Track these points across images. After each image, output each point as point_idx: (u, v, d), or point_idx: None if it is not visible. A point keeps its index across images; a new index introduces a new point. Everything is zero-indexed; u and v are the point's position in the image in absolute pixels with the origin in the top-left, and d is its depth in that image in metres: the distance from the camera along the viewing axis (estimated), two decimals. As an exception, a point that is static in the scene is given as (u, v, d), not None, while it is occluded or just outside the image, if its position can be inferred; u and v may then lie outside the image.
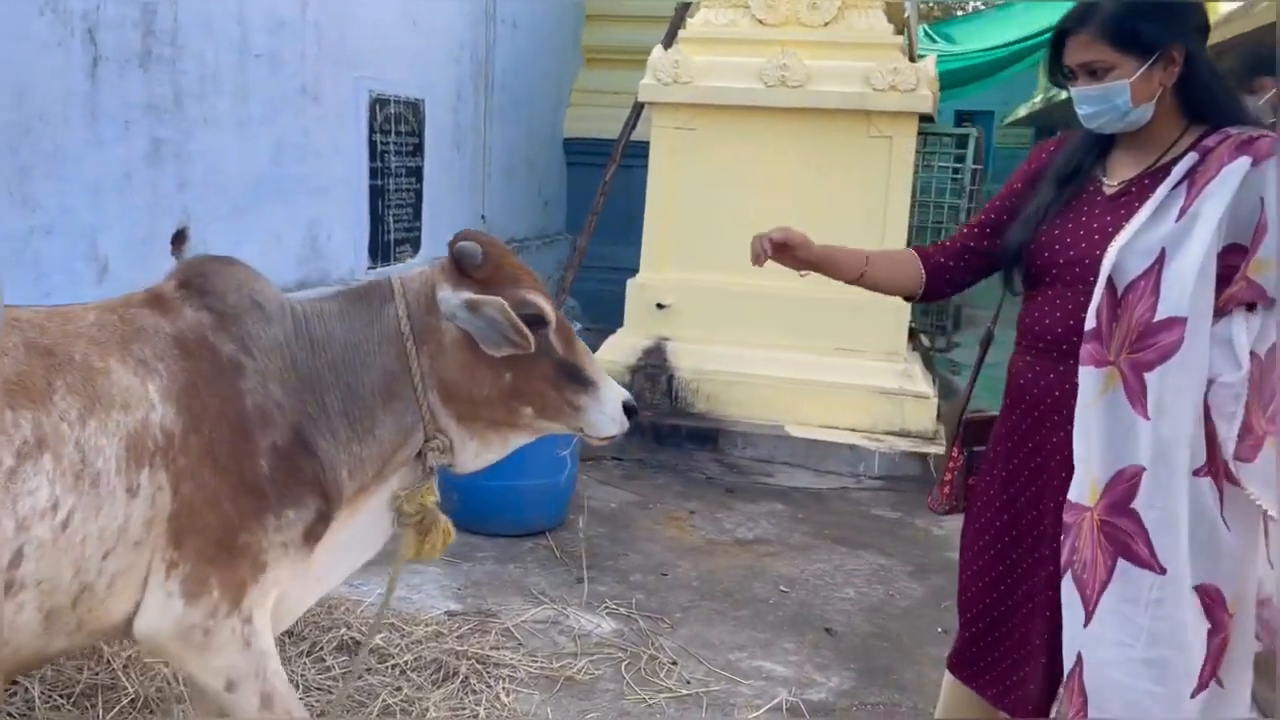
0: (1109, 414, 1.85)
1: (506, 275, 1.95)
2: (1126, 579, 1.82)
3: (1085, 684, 1.87)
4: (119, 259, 3.63)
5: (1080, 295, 1.95)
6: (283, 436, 1.84)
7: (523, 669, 3.07)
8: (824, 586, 3.85)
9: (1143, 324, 1.81)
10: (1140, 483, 1.82)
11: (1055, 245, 2.02)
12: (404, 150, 5.68)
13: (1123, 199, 1.97)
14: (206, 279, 1.88)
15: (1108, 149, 2.05)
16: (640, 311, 5.71)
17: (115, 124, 3.57)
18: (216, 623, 1.78)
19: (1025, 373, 2.10)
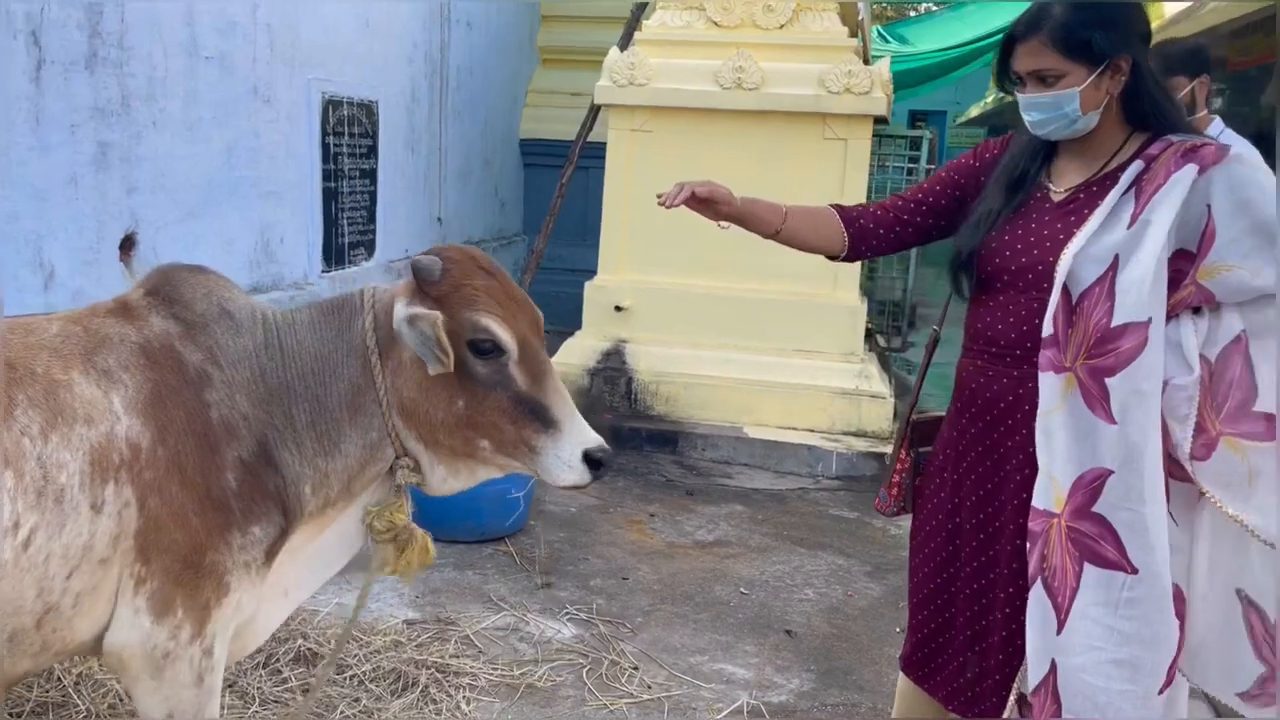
0: (1070, 420, 1.88)
1: (464, 296, 1.84)
2: (1097, 583, 1.84)
3: (1059, 690, 1.88)
4: (65, 266, 3.55)
5: (1034, 301, 1.98)
6: (248, 449, 1.80)
7: (483, 677, 3.05)
8: (784, 588, 3.88)
9: (1100, 330, 1.84)
10: (1104, 486, 1.84)
11: (1006, 251, 2.04)
12: (358, 152, 5.62)
13: (1071, 205, 2.00)
14: (175, 287, 1.84)
15: (1051, 155, 2.08)
16: (598, 314, 5.71)
17: (61, 128, 3.49)
18: (179, 647, 1.74)
19: (977, 376, 2.11)
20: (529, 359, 1.85)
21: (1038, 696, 1.93)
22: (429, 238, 6.88)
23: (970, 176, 2.20)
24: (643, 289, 5.62)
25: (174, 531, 1.70)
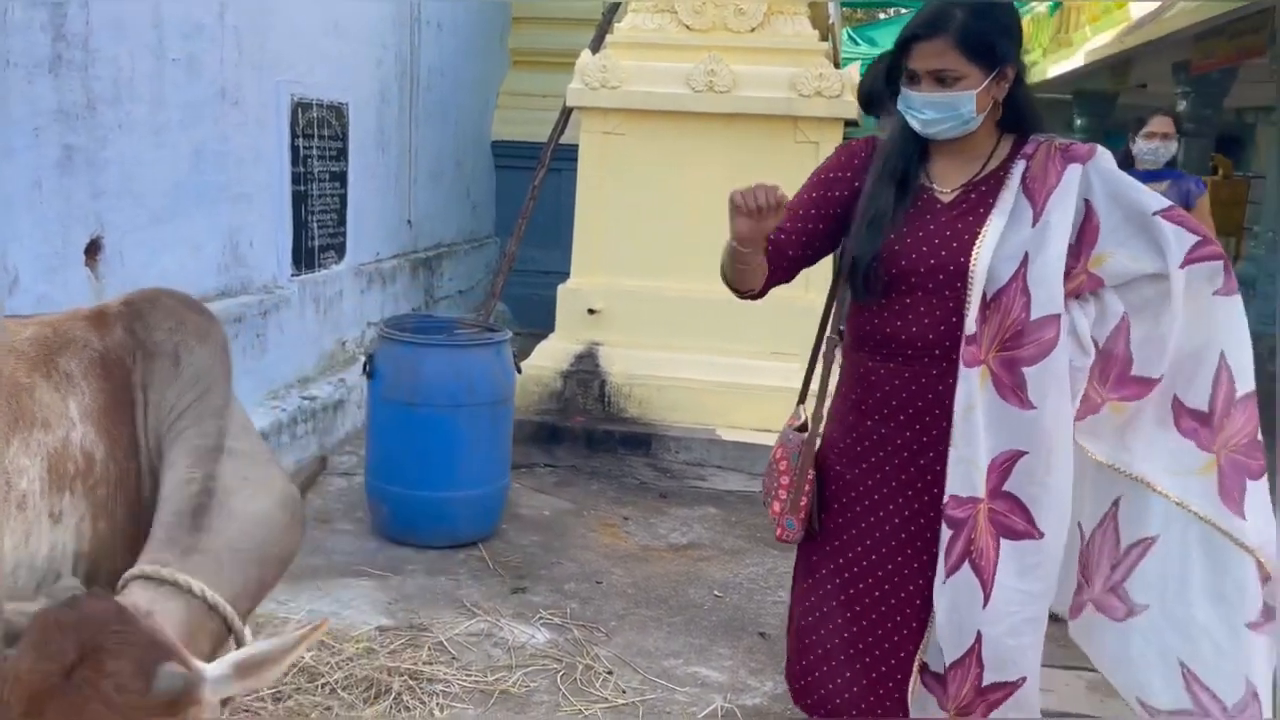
0: (987, 409, 1.99)
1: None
2: (1011, 554, 2.00)
3: (983, 657, 2.02)
4: (29, 270, 3.49)
5: (948, 301, 2.04)
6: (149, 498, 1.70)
7: (456, 683, 3.04)
8: (757, 590, 3.89)
9: (1019, 324, 1.97)
10: (1015, 466, 1.99)
11: (912, 254, 2.06)
12: (327, 154, 5.58)
13: (963, 205, 2.07)
14: (150, 306, 1.78)
15: (925, 156, 2.12)
16: (571, 316, 5.70)
17: (24, 131, 3.43)
18: None
19: (891, 379, 2.10)
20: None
21: (960, 667, 2.04)
22: (400, 240, 6.85)
23: (847, 187, 2.18)
24: (616, 292, 5.62)
25: (118, 561, 1.62)
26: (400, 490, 4.05)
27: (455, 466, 4.03)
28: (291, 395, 5.05)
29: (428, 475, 4.01)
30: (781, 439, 2.28)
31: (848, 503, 2.18)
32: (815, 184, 2.23)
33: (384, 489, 4.10)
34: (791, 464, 2.23)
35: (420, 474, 4.01)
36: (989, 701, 2.04)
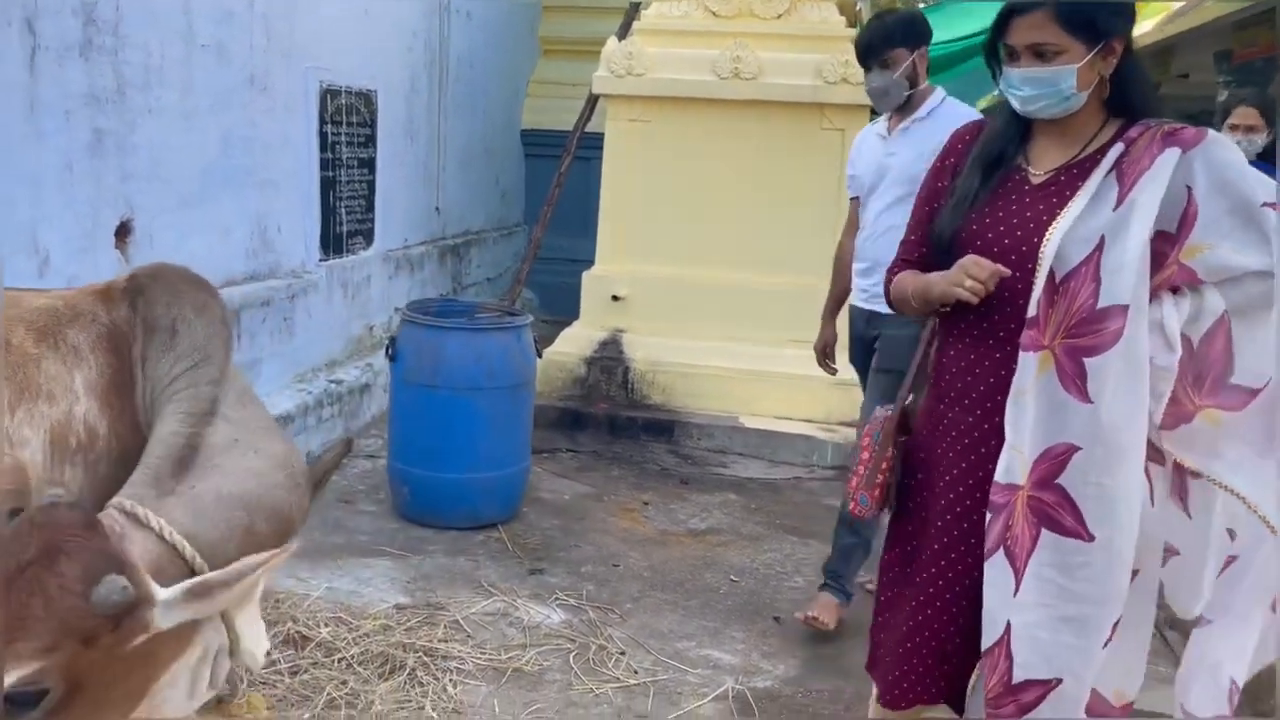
0: (1043, 397, 1.91)
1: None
2: (1053, 547, 1.90)
3: (1012, 649, 1.94)
4: (60, 252, 3.57)
5: (1017, 283, 1.98)
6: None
7: (470, 661, 3.08)
8: (774, 576, 3.89)
9: (1085, 310, 1.87)
10: (1070, 460, 1.89)
11: (988, 234, 2.04)
12: (356, 141, 5.64)
13: (1051, 187, 2.00)
14: (152, 281, 1.81)
15: (1027, 138, 2.07)
16: (596, 304, 5.72)
17: (55, 115, 3.51)
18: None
19: (958, 360, 2.10)
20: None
21: (990, 656, 1.98)
22: (429, 227, 6.90)
23: (949, 176, 2.17)
24: (640, 279, 5.63)
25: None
26: (421, 472, 4.10)
27: (475, 449, 4.07)
28: (319, 378, 5.11)
29: (448, 457, 4.05)
30: (871, 416, 2.31)
31: (925, 483, 2.16)
32: (926, 184, 2.24)
33: (405, 470, 4.15)
34: (874, 440, 2.26)
35: (440, 456, 4.05)
36: (1020, 703, 1.94)
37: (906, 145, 3.40)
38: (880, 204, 3.48)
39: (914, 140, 3.37)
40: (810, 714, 2.97)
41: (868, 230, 3.53)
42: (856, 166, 3.63)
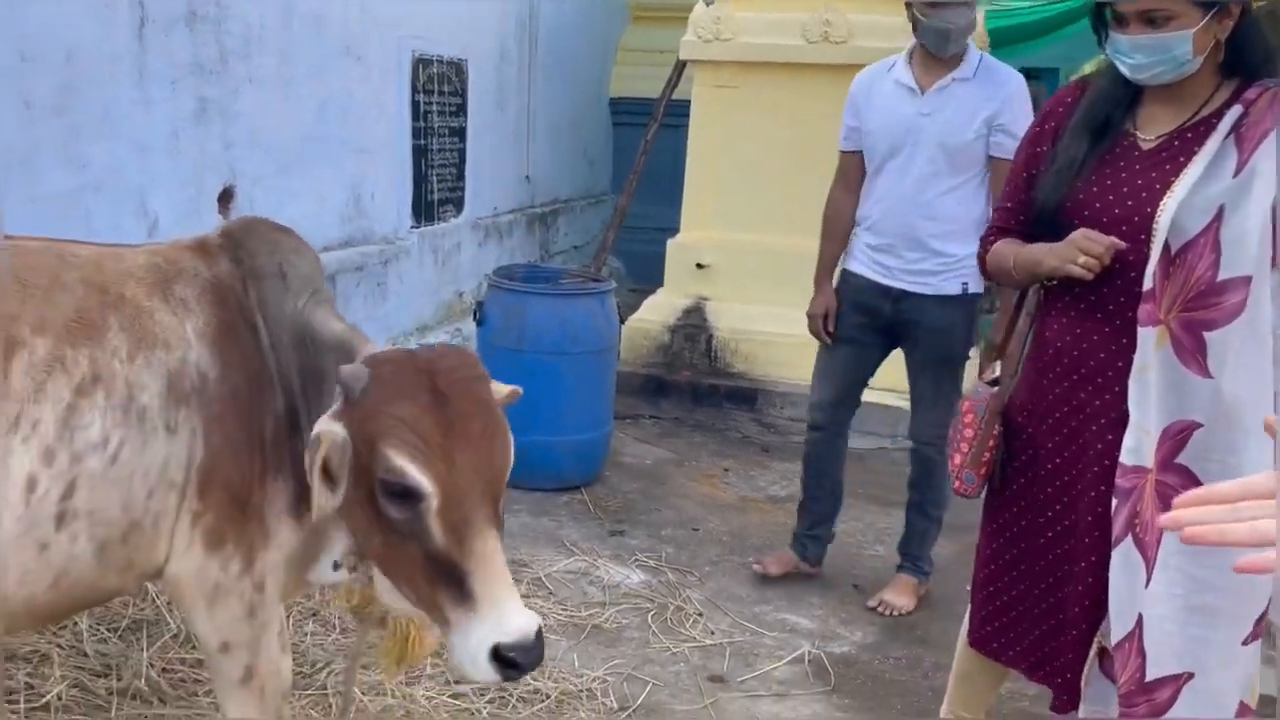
0: (1162, 373, 1.84)
1: (381, 425, 1.54)
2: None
3: (1144, 644, 1.87)
4: (167, 216, 3.73)
5: (1128, 254, 1.91)
6: (279, 404, 1.84)
7: (552, 617, 3.15)
8: (854, 544, 3.88)
9: (1204, 283, 1.79)
10: (1191, 438, 1.82)
11: (1097, 203, 1.96)
12: (447, 110, 5.73)
13: (1163, 154, 1.92)
14: (247, 235, 1.91)
15: (1135, 102, 1.98)
16: (680, 271, 5.73)
17: (162, 84, 3.66)
18: (229, 580, 1.79)
19: (1063, 335, 2.04)
20: (455, 512, 1.51)
21: (1121, 650, 1.91)
22: (518, 195, 6.98)
23: (1049, 140, 2.09)
24: (724, 246, 5.62)
25: (229, 468, 1.76)
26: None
27: (559, 412, 4.14)
28: (409, 342, 5.25)
29: (533, 420, 4.10)
30: (971, 392, 2.25)
31: (1031, 462, 2.12)
32: (1024, 149, 2.17)
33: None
34: (977, 418, 2.20)
35: (525, 418, 4.06)
36: (1154, 703, 1.87)
37: (948, 107, 3.11)
38: (910, 172, 3.15)
39: (958, 103, 3.10)
40: (887, 681, 2.97)
41: (889, 200, 3.20)
42: (866, 118, 3.25)
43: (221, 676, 1.88)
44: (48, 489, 1.60)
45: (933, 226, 3.17)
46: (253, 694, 1.88)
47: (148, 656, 2.52)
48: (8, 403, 1.56)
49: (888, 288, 3.25)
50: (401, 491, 1.52)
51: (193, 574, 1.79)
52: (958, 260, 3.16)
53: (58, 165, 3.26)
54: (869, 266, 3.30)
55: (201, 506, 1.76)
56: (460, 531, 1.51)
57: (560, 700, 2.68)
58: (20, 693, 2.32)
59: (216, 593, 1.80)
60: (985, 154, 3.13)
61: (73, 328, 1.65)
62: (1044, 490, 2.10)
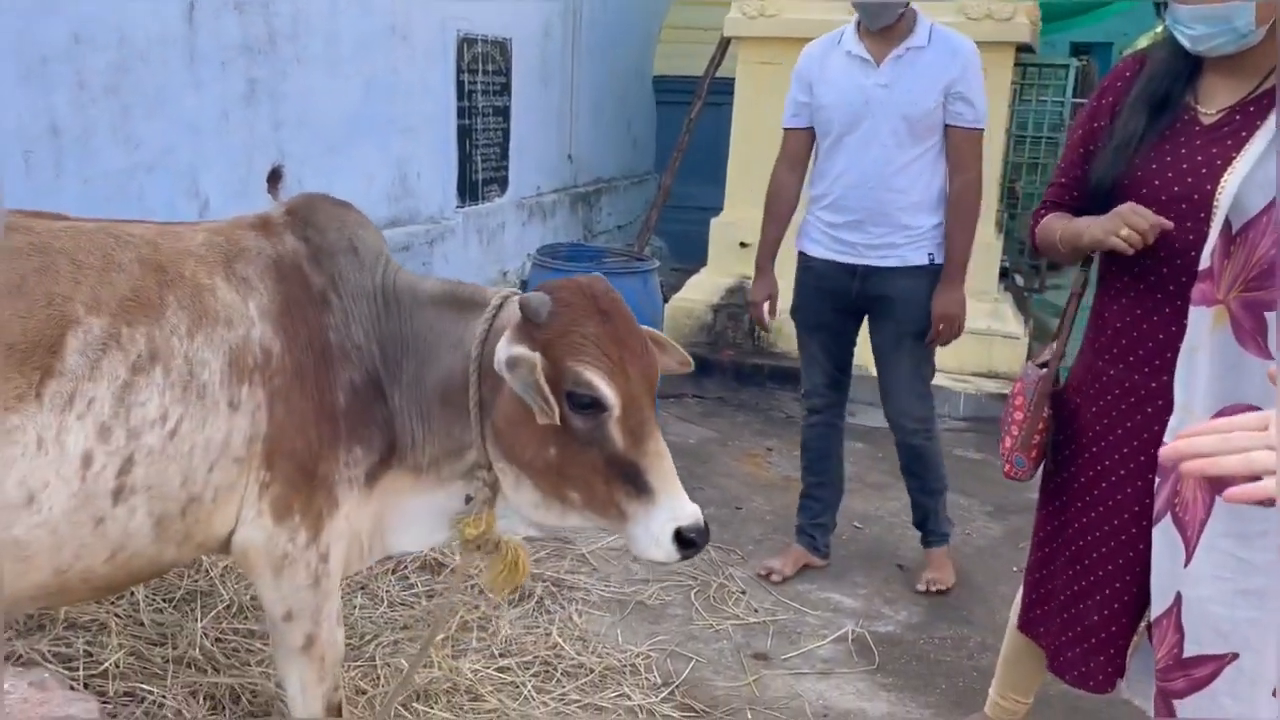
0: (1216, 354, 1.80)
1: (569, 344, 1.71)
2: (1228, 516, 1.79)
3: (1182, 622, 1.86)
4: (218, 196, 3.79)
5: (1188, 233, 1.87)
6: (359, 375, 1.87)
7: (596, 592, 3.17)
8: (899, 524, 3.85)
9: (1266, 262, 1.74)
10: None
11: (1155, 180, 1.92)
12: (491, 89, 5.75)
13: (1225, 128, 1.87)
14: (312, 212, 1.92)
15: (1194, 75, 1.93)
16: (723, 250, 5.71)
17: (212, 64, 3.71)
18: (296, 550, 1.83)
19: (1122, 315, 2.01)
20: (632, 418, 1.71)
21: (1159, 626, 1.90)
22: (561, 175, 6.99)
23: (1108, 115, 2.05)
24: (769, 225, 5.57)
25: (295, 439, 1.80)
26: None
27: (603, 391, 4.14)
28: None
29: (577, 398, 4.14)
30: (1022, 374, 2.23)
31: (1085, 444, 2.10)
32: (1082, 123, 2.13)
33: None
34: (1027, 400, 2.19)
35: (569, 397, 4.14)
36: (1192, 678, 1.86)
37: (905, 77, 3.01)
38: (872, 145, 3.04)
39: (915, 72, 3.00)
40: (932, 661, 2.95)
41: (852, 176, 3.08)
42: (819, 93, 3.11)
43: (283, 644, 1.93)
44: (104, 465, 1.63)
45: (900, 199, 3.06)
46: (313, 661, 1.93)
47: (202, 626, 2.58)
48: (62, 380, 1.59)
49: (853, 266, 3.13)
50: (590, 403, 1.69)
51: (261, 543, 1.83)
52: (923, 231, 3.09)
53: (112, 145, 3.33)
54: (829, 248, 3.17)
55: (269, 477, 1.79)
56: (636, 434, 1.71)
57: (604, 675, 2.70)
58: (79, 660, 2.39)
59: (283, 562, 1.84)
60: (943, 123, 3.04)
61: (129, 306, 1.67)
62: (1087, 474, 2.08)
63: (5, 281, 1.60)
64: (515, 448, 1.80)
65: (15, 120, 3.02)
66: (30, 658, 2.34)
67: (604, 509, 1.76)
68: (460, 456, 1.92)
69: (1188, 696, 1.87)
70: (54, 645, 2.42)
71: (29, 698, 1.50)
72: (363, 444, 1.88)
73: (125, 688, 2.31)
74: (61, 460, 1.59)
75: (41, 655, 2.36)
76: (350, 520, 1.92)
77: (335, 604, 1.94)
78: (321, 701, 1.96)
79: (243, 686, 2.41)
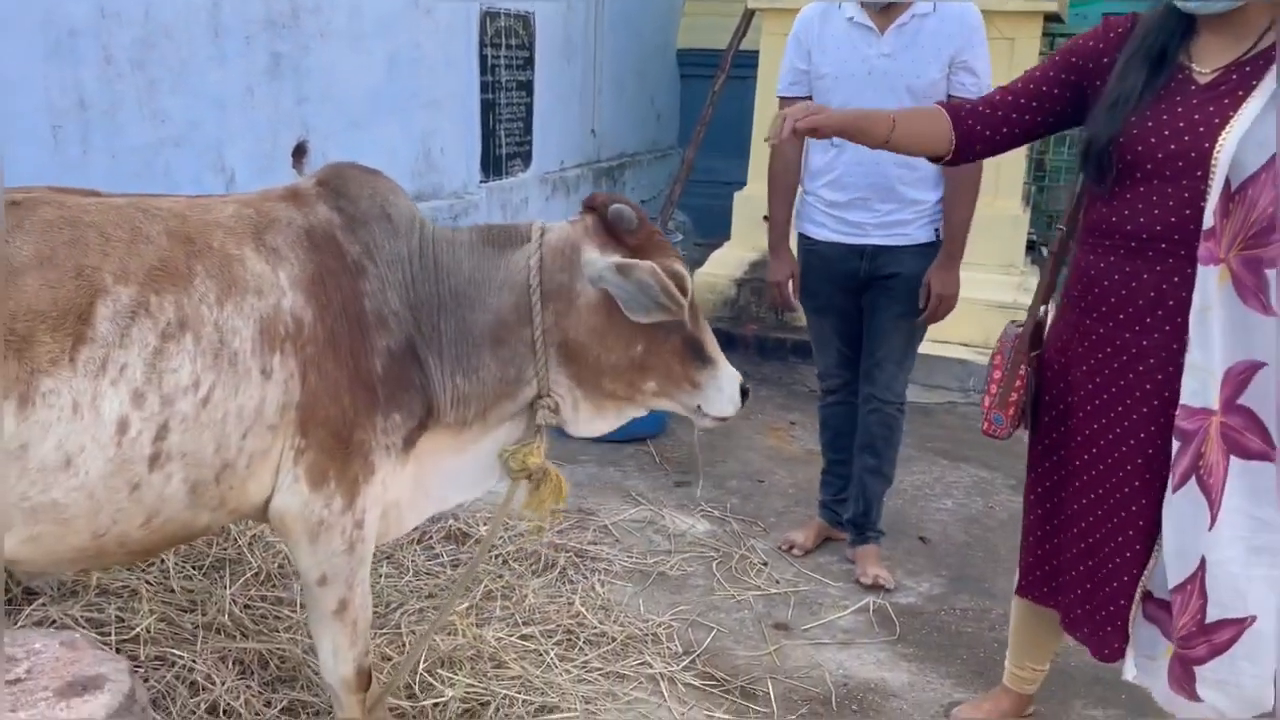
0: (1223, 312, 1.81)
1: (657, 244, 1.96)
2: (1242, 473, 1.82)
3: (1207, 586, 1.87)
4: (244, 170, 3.82)
5: (1184, 191, 1.88)
6: (396, 342, 1.89)
7: (618, 563, 3.20)
8: (922, 497, 3.86)
9: (1265, 219, 1.76)
10: (1254, 378, 1.80)
11: (1152, 138, 1.92)
12: (514, 64, 5.74)
13: (1221, 87, 1.87)
14: (344, 182, 1.94)
15: (1189, 33, 1.94)
16: (747, 224, 5.69)
17: (236, 39, 3.73)
18: (333, 516, 1.87)
19: (1111, 273, 2.01)
20: (694, 302, 1.98)
21: (1182, 592, 1.90)
22: (584, 149, 6.98)
23: (1091, 58, 2.06)
24: (793, 199, 5.54)
25: (329, 407, 1.82)
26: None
27: (626, 364, 4.15)
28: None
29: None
30: (1002, 334, 2.25)
31: (1073, 405, 2.10)
32: (1061, 51, 2.15)
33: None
34: (1005, 359, 2.21)
35: (592, 370, 4.15)
36: (1214, 643, 1.88)
37: (909, 46, 2.91)
38: None
39: (919, 41, 2.90)
40: (953, 632, 2.96)
41: (852, 151, 2.93)
42: (819, 61, 2.99)
43: (317, 608, 1.97)
44: (140, 431, 1.66)
45: (906, 174, 2.97)
46: (345, 626, 1.97)
47: (230, 593, 2.62)
48: (94, 346, 1.61)
49: (861, 247, 3.05)
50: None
51: (297, 509, 1.86)
52: (928, 207, 3.02)
53: (138, 120, 3.36)
54: (834, 229, 3.08)
55: (304, 444, 1.82)
56: (695, 314, 1.99)
57: (625, 643, 2.72)
58: (111, 625, 2.44)
59: (319, 528, 1.87)
60: (946, 94, 2.92)
61: (156, 275, 1.69)
62: (1083, 432, 2.08)
63: (35, 253, 1.62)
64: (600, 355, 1.96)
65: (44, 95, 3.05)
66: (64, 623, 2.39)
67: (679, 386, 2.00)
68: (514, 397, 1.99)
69: (1209, 662, 1.89)
70: (86, 611, 2.47)
71: (60, 656, 1.54)
72: (401, 410, 1.91)
73: (156, 652, 2.36)
74: (97, 425, 1.62)
75: (74, 620, 2.41)
76: (387, 486, 1.95)
77: (369, 569, 1.99)
78: (353, 665, 2.01)
79: (270, 652, 2.45)
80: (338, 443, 1.84)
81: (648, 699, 2.51)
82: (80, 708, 1.45)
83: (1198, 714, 1.95)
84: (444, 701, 2.36)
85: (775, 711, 2.51)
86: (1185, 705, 1.97)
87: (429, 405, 1.94)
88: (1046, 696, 2.59)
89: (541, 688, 2.46)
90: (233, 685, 2.29)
